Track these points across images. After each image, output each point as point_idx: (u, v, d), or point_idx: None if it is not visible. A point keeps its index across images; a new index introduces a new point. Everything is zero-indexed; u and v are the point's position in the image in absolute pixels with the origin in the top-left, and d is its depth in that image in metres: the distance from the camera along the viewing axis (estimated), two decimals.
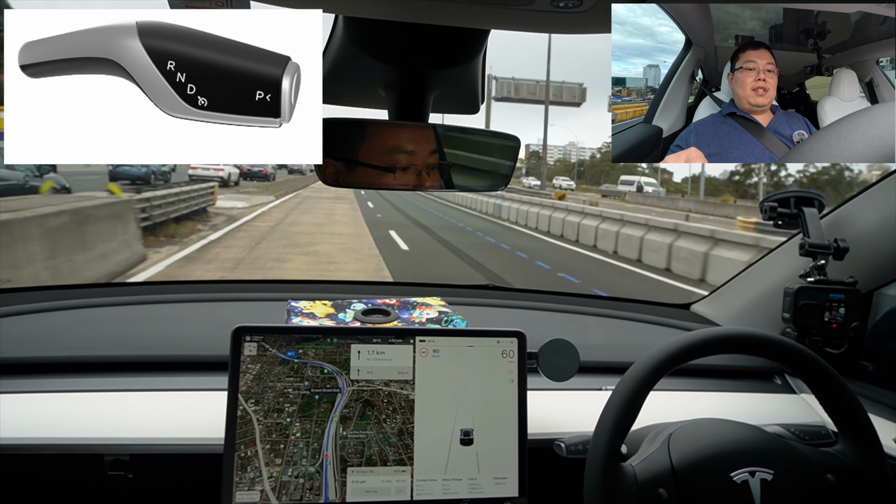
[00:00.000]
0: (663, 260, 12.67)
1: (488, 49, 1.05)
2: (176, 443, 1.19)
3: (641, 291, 10.39)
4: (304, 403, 1.13)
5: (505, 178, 1.10)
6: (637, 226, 14.34)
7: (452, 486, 1.15)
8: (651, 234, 13.51)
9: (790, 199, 1.61)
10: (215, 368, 1.34)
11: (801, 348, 1.08)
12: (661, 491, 1.00)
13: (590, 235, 16.15)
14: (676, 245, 12.45)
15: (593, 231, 16.00)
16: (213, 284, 1.93)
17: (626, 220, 14.98)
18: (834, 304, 1.51)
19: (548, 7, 0.78)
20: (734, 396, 1.54)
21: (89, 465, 1.17)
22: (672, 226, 13.15)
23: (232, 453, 1.09)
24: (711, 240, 11.73)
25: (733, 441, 1.06)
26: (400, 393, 1.16)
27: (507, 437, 1.19)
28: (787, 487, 1.01)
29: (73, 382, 1.28)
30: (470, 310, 1.62)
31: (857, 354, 1.63)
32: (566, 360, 1.24)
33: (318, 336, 1.16)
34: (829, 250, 1.51)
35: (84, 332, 1.51)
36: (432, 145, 1.03)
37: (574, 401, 1.41)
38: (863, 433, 1.06)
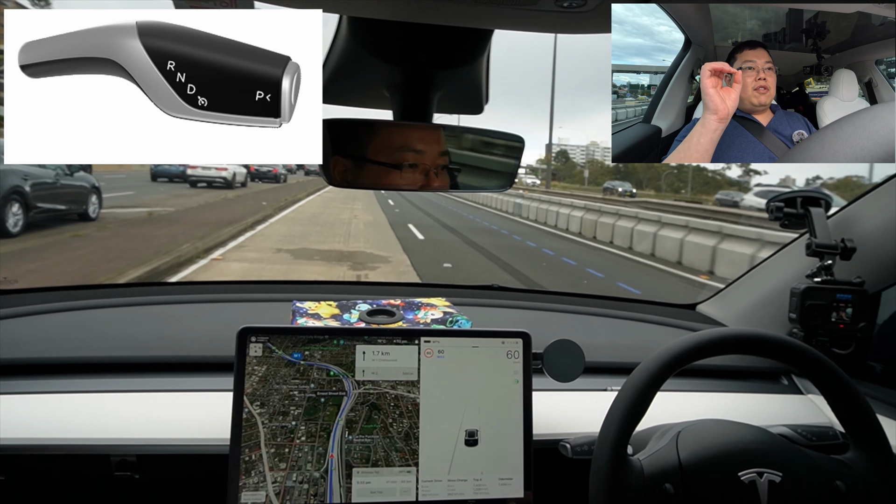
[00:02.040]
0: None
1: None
2: (182, 443, 1.19)
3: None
4: (310, 406, 1.13)
5: (510, 177, 1.10)
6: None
7: (458, 486, 1.15)
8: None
9: (797, 199, 1.60)
10: (221, 369, 1.34)
11: (809, 349, 1.07)
12: (667, 486, 1.00)
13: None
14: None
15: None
16: (219, 285, 1.93)
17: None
18: (841, 305, 1.50)
19: (552, 7, 0.78)
20: (741, 397, 1.53)
21: (96, 466, 1.17)
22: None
23: (238, 455, 1.09)
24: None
25: (743, 441, 1.06)
26: (407, 396, 1.16)
27: (512, 437, 1.18)
28: (794, 491, 1.00)
29: (81, 383, 1.29)
30: (475, 310, 1.62)
31: (865, 355, 1.63)
32: (571, 361, 1.24)
33: (325, 337, 1.16)
34: (836, 250, 1.50)
35: (91, 332, 1.51)
36: (441, 146, 1.03)
37: (579, 401, 1.40)
38: (873, 439, 1.05)
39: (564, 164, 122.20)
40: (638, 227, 15.69)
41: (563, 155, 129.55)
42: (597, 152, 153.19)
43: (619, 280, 11.06)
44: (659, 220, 15.37)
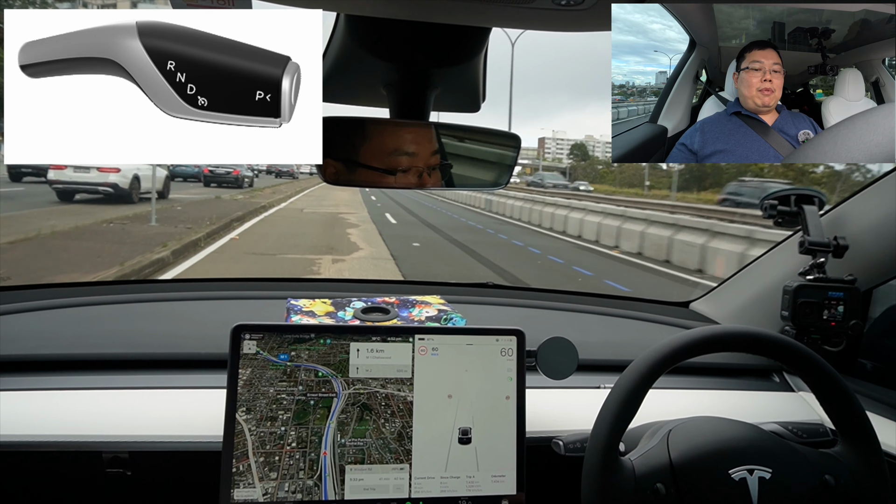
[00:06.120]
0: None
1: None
2: (174, 440, 1.19)
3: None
4: (299, 410, 1.11)
5: (506, 176, 1.11)
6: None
7: (451, 483, 1.15)
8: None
9: (790, 197, 1.61)
10: (214, 366, 1.34)
11: (800, 346, 1.08)
12: (658, 486, 1.00)
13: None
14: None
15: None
16: (212, 282, 1.93)
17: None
18: (833, 302, 1.51)
19: (549, 5, 0.78)
20: (732, 394, 1.55)
21: (88, 463, 1.17)
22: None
23: (231, 451, 1.08)
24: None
25: (733, 438, 1.06)
26: (398, 395, 1.16)
27: (505, 435, 1.19)
28: (785, 486, 1.01)
29: (73, 380, 1.29)
30: (469, 308, 1.62)
31: (856, 352, 1.64)
32: (565, 359, 1.25)
33: (312, 337, 1.15)
34: (828, 248, 1.51)
35: (83, 329, 1.51)
36: (433, 146, 1.03)
37: (572, 399, 1.41)
38: (862, 434, 1.07)
39: (588, 162, 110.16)
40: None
41: (579, 149, 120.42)
42: (597, 147, 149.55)
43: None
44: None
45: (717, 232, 12.24)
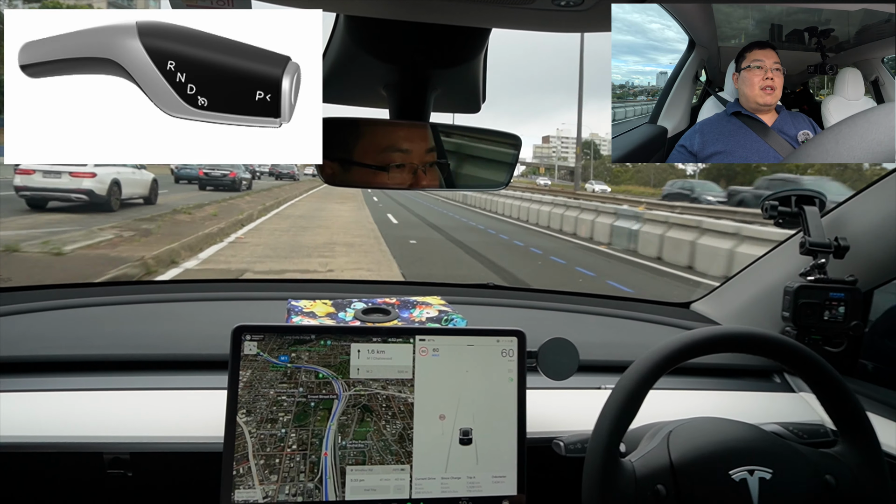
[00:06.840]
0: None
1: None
2: (176, 441, 1.19)
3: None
4: (300, 412, 1.11)
5: (506, 176, 1.11)
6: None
7: (451, 484, 1.15)
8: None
9: (791, 198, 1.61)
10: (215, 367, 1.34)
11: (801, 347, 1.08)
12: (659, 487, 1.00)
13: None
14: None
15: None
16: (213, 283, 1.93)
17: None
18: (834, 303, 1.51)
19: (549, 6, 0.78)
20: (733, 395, 1.54)
21: (89, 464, 1.17)
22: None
23: (231, 454, 1.08)
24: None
25: (733, 439, 1.06)
26: (398, 396, 1.15)
27: (506, 435, 1.19)
28: (785, 487, 1.01)
29: (74, 381, 1.29)
30: (470, 309, 1.62)
31: (857, 353, 1.64)
32: (566, 359, 1.24)
33: (312, 338, 1.14)
34: (829, 249, 1.51)
35: (84, 330, 1.51)
36: (428, 143, 1.03)
37: (573, 400, 1.41)
38: (862, 434, 1.07)
39: (601, 160, 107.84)
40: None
41: (588, 146, 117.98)
42: (602, 145, 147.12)
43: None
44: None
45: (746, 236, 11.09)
